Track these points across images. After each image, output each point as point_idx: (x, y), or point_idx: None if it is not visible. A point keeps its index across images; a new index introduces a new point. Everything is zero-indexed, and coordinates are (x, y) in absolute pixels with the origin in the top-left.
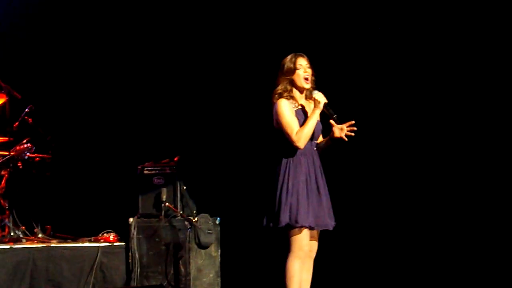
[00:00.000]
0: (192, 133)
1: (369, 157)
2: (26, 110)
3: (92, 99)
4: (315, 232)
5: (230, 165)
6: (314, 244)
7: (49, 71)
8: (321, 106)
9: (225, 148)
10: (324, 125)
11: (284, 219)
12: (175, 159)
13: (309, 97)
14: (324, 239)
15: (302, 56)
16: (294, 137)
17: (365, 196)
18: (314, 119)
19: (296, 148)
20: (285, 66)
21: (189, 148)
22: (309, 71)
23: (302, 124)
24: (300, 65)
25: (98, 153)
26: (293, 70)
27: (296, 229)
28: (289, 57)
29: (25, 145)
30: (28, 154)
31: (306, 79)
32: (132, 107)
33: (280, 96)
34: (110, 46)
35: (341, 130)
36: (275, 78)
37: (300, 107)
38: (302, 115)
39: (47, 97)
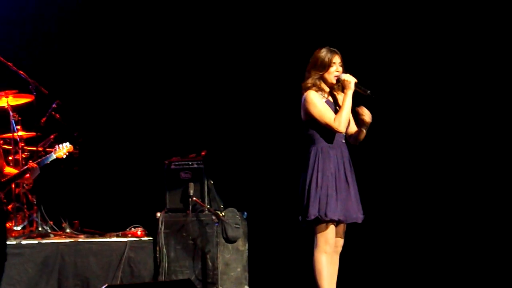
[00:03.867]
0: (219, 127)
1: (398, 150)
2: (53, 105)
3: (120, 94)
4: (341, 227)
5: (257, 159)
6: (340, 239)
7: (76, 67)
8: (352, 86)
9: (252, 142)
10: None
11: (314, 212)
12: (202, 153)
13: (335, 90)
14: (350, 233)
15: (337, 53)
16: (334, 123)
17: (393, 189)
18: (349, 101)
19: (326, 140)
20: (319, 61)
21: (216, 142)
22: (341, 69)
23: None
24: (334, 63)
25: (125, 148)
26: (327, 67)
27: (323, 223)
28: (324, 51)
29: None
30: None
31: (337, 76)
32: (160, 102)
33: (310, 89)
34: (138, 41)
35: (367, 115)
36: (304, 69)
37: (328, 98)
38: (332, 107)
39: (74, 93)
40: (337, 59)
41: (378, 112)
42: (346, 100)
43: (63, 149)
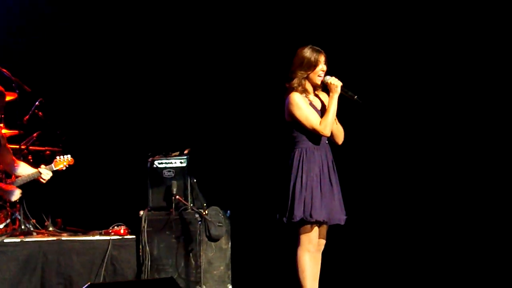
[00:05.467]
0: (202, 126)
1: (380, 152)
2: (36, 103)
3: (102, 92)
4: (324, 228)
5: (241, 158)
6: (323, 239)
7: (59, 65)
8: (338, 90)
9: (236, 140)
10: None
11: (299, 213)
12: (185, 151)
13: (317, 90)
14: (332, 232)
15: (322, 52)
16: (319, 127)
17: (375, 190)
18: (334, 105)
19: (310, 141)
20: (305, 60)
21: (199, 140)
22: (325, 68)
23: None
24: (320, 61)
25: (108, 146)
26: (314, 67)
27: (308, 224)
28: (308, 51)
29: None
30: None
31: (320, 76)
32: (143, 100)
33: (295, 90)
34: (120, 40)
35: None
36: (287, 68)
37: (311, 100)
38: (317, 108)
39: (57, 91)
40: (322, 58)
41: (362, 113)
42: (331, 103)
43: (63, 161)
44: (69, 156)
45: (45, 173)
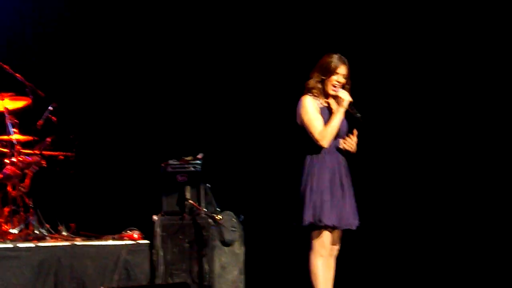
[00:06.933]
0: (216, 130)
1: (395, 157)
2: (50, 108)
3: (116, 97)
4: (336, 233)
5: (254, 162)
6: (336, 244)
7: (73, 70)
8: (345, 104)
9: (249, 145)
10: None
11: (308, 218)
12: (199, 156)
13: (330, 98)
14: (347, 237)
15: (345, 64)
16: (317, 135)
17: (390, 196)
18: (338, 118)
19: (321, 147)
20: (325, 66)
21: (213, 145)
22: (343, 81)
23: (326, 122)
24: (338, 73)
25: (121, 150)
26: (329, 74)
27: (319, 229)
28: (333, 57)
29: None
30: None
31: (334, 86)
32: (157, 105)
33: (309, 91)
34: (135, 45)
35: (349, 146)
36: (305, 74)
37: (326, 104)
38: (327, 114)
39: (70, 96)
40: (342, 70)
41: (376, 117)
42: (335, 116)
43: None
44: None
45: None
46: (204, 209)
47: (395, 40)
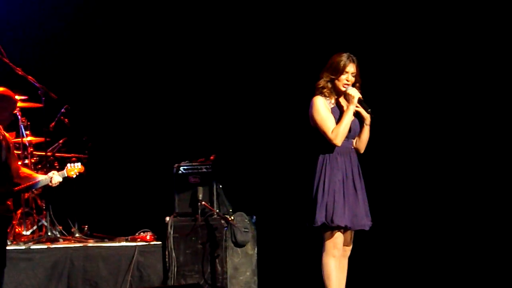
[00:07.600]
0: (228, 132)
1: (408, 157)
2: (62, 110)
3: (129, 98)
4: (349, 234)
5: (266, 163)
6: (349, 245)
7: (86, 71)
8: (355, 101)
9: (261, 146)
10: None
11: (320, 218)
12: (211, 157)
13: (342, 97)
14: (359, 238)
15: (353, 62)
16: (330, 135)
17: (403, 197)
18: (349, 116)
19: (334, 146)
20: (334, 65)
21: (225, 146)
22: (352, 79)
23: (337, 121)
24: (347, 72)
25: (134, 152)
26: (339, 73)
27: (331, 229)
28: (341, 56)
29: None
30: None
31: (346, 85)
32: (169, 106)
33: (319, 91)
34: (146, 47)
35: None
36: (316, 74)
37: (334, 104)
38: (339, 113)
39: (83, 97)
40: (351, 68)
41: (387, 119)
42: (346, 114)
43: (74, 169)
44: (79, 164)
45: (56, 179)
46: (217, 210)
47: (404, 38)
